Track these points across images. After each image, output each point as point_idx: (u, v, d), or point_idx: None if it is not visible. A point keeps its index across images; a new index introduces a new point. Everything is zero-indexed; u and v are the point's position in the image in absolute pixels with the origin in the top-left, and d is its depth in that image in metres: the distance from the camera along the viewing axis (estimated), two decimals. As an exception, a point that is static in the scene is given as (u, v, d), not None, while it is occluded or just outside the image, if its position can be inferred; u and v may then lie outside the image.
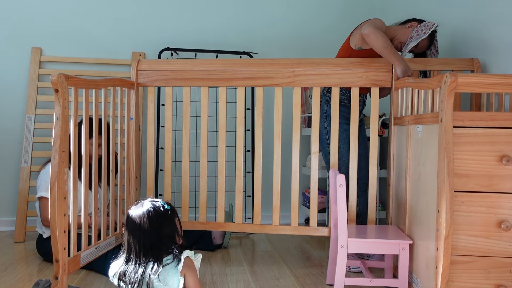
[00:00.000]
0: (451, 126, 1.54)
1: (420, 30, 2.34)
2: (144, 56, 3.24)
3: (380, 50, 2.21)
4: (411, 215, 1.94)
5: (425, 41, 2.39)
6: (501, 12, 2.22)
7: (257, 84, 2.38)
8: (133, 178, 2.39)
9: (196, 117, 3.08)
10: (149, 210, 1.52)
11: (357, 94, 2.32)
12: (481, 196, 1.59)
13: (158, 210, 1.53)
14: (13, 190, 3.07)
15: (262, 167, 2.41)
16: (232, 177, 3.07)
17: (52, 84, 1.69)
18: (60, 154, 1.68)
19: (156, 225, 1.50)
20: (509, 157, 1.56)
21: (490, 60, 2.33)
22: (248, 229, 2.43)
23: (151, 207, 1.53)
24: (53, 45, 3.14)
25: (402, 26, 2.44)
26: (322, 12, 3.48)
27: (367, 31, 2.20)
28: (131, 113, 2.40)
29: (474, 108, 2.35)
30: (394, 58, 2.20)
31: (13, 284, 2.01)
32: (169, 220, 1.52)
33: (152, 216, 1.50)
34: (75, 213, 1.82)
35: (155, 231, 1.49)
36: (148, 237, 1.48)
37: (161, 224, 1.50)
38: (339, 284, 1.86)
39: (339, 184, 1.85)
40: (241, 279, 2.14)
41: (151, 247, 1.48)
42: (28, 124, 2.98)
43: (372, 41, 2.21)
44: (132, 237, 1.50)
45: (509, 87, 1.57)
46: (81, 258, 1.87)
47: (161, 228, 1.50)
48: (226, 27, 3.35)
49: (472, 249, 1.59)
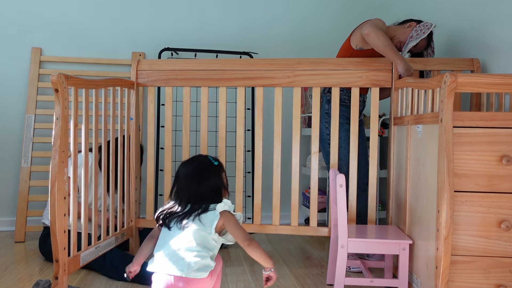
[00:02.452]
0: (451, 126, 1.54)
1: (420, 30, 2.35)
2: (144, 56, 3.24)
3: (382, 49, 2.21)
4: (411, 215, 1.94)
5: (423, 41, 2.41)
6: (501, 12, 2.22)
7: (257, 84, 2.38)
8: (133, 178, 2.39)
9: (196, 117, 3.07)
10: (198, 163, 1.60)
11: (357, 94, 2.32)
12: (481, 196, 1.59)
13: (206, 163, 1.59)
14: (13, 190, 3.07)
15: (262, 167, 2.41)
16: (232, 177, 3.07)
17: (52, 84, 1.69)
18: (60, 154, 1.68)
19: (203, 177, 1.56)
20: (509, 157, 1.56)
21: (490, 60, 2.33)
22: (248, 229, 2.42)
23: (200, 160, 1.61)
24: (53, 45, 3.14)
25: (401, 26, 2.45)
26: (322, 12, 3.48)
27: (367, 31, 2.21)
28: (131, 113, 2.40)
29: (474, 108, 2.35)
30: (396, 56, 2.20)
31: (13, 284, 2.01)
32: (216, 174, 1.58)
33: (201, 168, 1.57)
34: (75, 213, 1.82)
35: (202, 183, 1.55)
36: (194, 187, 1.54)
37: (208, 176, 1.56)
38: (339, 284, 1.86)
39: (339, 184, 1.85)
40: (241, 279, 2.14)
41: (195, 197, 1.53)
42: (28, 124, 2.98)
43: (373, 40, 2.21)
44: (179, 187, 1.57)
45: (509, 87, 1.57)
46: (81, 258, 1.87)
47: (208, 181, 1.56)
48: (226, 27, 3.35)
49: (472, 249, 1.59)
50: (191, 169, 1.58)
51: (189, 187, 1.54)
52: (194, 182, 1.54)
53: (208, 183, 1.55)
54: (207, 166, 1.58)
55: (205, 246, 1.46)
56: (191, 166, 1.59)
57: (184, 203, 1.53)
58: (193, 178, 1.55)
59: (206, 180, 1.55)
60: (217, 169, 1.60)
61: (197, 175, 1.55)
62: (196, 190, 1.53)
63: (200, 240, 1.46)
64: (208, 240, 1.47)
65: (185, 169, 1.58)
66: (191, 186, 1.54)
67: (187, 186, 1.55)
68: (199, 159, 1.62)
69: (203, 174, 1.56)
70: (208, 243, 1.47)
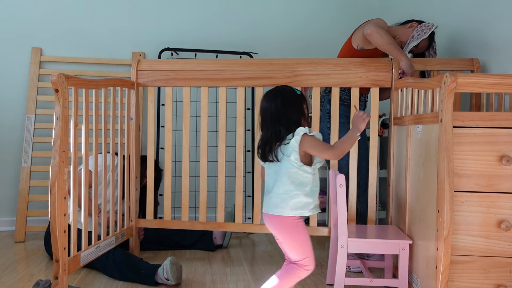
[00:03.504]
0: (451, 126, 1.54)
1: (421, 30, 2.36)
2: (144, 56, 3.24)
3: (386, 48, 2.22)
4: (411, 215, 1.94)
5: (425, 42, 2.42)
6: (501, 12, 2.22)
7: (257, 84, 2.38)
8: (133, 178, 2.39)
9: (196, 117, 3.07)
10: (281, 92, 1.65)
11: (357, 94, 2.32)
12: (481, 196, 1.59)
13: (289, 93, 1.65)
14: (13, 190, 3.07)
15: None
16: (232, 177, 3.07)
17: (52, 84, 1.69)
18: (60, 154, 1.68)
19: (285, 107, 1.61)
20: (509, 157, 1.56)
21: (490, 60, 2.33)
22: (248, 229, 2.43)
23: (283, 90, 1.66)
24: (53, 45, 3.14)
25: (402, 26, 2.46)
26: (322, 12, 3.48)
27: (370, 31, 2.22)
28: (131, 113, 2.40)
29: (474, 108, 2.35)
30: (400, 53, 2.22)
31: (13, 284, 2.01)
32: (298, 104, 1.63)
33: (283, 98, 1.62)
34: (75, 213, 1.82)
35: (283, 113, 1.60)
36: (276, 114, 1.60)
37: (290, 106, 1.61)
38: (339, 284, 1.86)
39: (339, 184, 1.85)
40: (241, 279, 2.14)
41: (277, 123, 1.59)
42: (28, 124, 2.98)
43: (376, 39, 2.22)
44: (263, 118, 1.65)
45: (509, 87, 1.58)
46: (81, 258, 1.87)
47: (289, 110, 1.60)
48: (226, 27, 3.35)
49: (472, 249, 1.59)
50: (273, 98, 1.63)
51: (271, 117, 1.60)
52: (276, 112, 1.60)
53: (289, 113, 1.61)
54: (289, 95, 1.64)
55: (296, 182, 1.55)
56: (274, 96, 1.64)
57: (268, 134, 1.60)
58: (275, 108, 1.60)
59: (287, 110, 1.60)
60: (299, 99, 1.65)
61: (279, 105, 1.60)
62: (278, 119, 1.60)
63: (288, 175, 1.55)
64: (295, 174, 1.56)
65: (268, 99, 1.64)
66: (273, 116, 1.60)
67: (269, 117, 1.61)
68: (282, 89, 1.67)
69: (285, 104, 1.61)
70: (295, 177, 1.56)
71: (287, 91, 1.65)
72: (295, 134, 1.55)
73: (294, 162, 1.54)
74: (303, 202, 1.56)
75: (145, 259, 2.33)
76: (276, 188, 1.57)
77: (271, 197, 1.58)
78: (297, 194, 1.55)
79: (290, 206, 1.54)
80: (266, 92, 1.68)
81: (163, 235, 2.61)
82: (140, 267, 2.05)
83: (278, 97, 1.62)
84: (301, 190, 1.55)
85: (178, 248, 2.63)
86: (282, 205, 1.54)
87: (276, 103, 1.61)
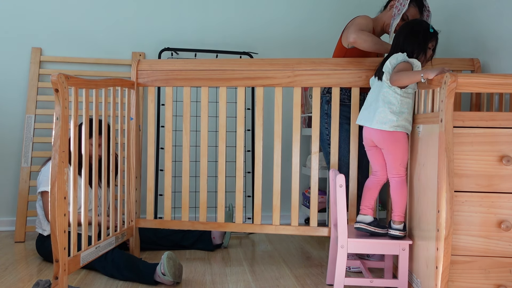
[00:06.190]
0: (451, 126, 1.54)
1: (399, 5, 2.27)
2: (144, 56, 3.24)
3: (373, 48, 2.21)
4: (411, 215, 1.94)
5: (412, 10, 2.28)
6: (500, 12, 2.22)
7: (257, 84, 2.38)
8: (133, 178, 2.39)
9: (196, 117, 3.08)
10: (417, 22, 1.87)
11: (357, 94, 2.32)
12: (481, 196, 1.59)
13: (423, 26, 1.85)
14: (13, 190, 3.07)
15: (262, 167, 2.41)
16: (232, 177, 3.07)
17: (52, 84, 1.69)
18: (60, 154, 1.68)
19: (411, 36, 1.81)
20: (509, 157, 1.56)
21: (490, 60, 2.33)
22: (248, 229, 2.43)
23: (420, 22, 1.88)
24: (53, 45, 3.14)
25: (385, 11, 2.41)
26: (322, 12, 3.48)
27: (352, 39, 2.21)
28: (131, 113, 2.40)
29: (474, 108, 2.35)
30: (388, 49, 2.20)
31: (13, 284, 2.01)
32: (425, 39, 1.81)
33: (414, 26, 1.85)
34: (75, 213, 1.82)
35: (407, 40, 1.80)
36: (400, 40, 1.83)
37: (415, 37, 1.81)
38: (339, 284, 1.86)
39: (339, 184, 1.85)
40: (241, 279, 2.14)
41: (394, 50, 1.84)
42: (28, 124, 2.98)
43: (360, 45, 2.22)
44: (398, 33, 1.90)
45: (509, 87, 1.58)
46: (81, 258, 1.87)
47: (413, 40, 1.79)
48: (226, 27, 3.35)
49: (472, 249, 1.59)
50: (408, 24, 1.84)
51: (397, 40, 1.80)
52: (401, 36, 1.78)
53: (412, 42, 1.76)
54: (421, 28, 1.80)
55: (385, 101, 1.78)
56: (410, 22, 1.86)
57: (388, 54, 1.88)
58: (403, 33, 1.78)
59: (412, 39, 1.75)
60: (429, 36, 1.80)
61: (408, 31, 1.78)
62: (399, 43, 1.78)
63: (383, 95, 1.79)
64: (387, 94, 1.78)
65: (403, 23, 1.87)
66: (398, 39, 1.79)
67: (396, 38, 1.81)
68: (420, 21, 1.87)
69: (413, 33, 1.77)
70: (386, 97, 1.78)
71: (421, 24, 1.87)
72: (391, 63, 1.84)
73: (385, 84, 1.84)
74: (390, 118, 1.83)
75: (145, 259, 2.33)
76: None
77: (368, 110, 1.91)
78: (385, 110, 1.85)
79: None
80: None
81: (162, 236, 2.61)
82: (139, 266, 2.05)
83: (411, 25, 1.87)
84: (388, 107, 1.83)
85: (177, 248, 2.62)
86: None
87: (404, 30, 1.87)
